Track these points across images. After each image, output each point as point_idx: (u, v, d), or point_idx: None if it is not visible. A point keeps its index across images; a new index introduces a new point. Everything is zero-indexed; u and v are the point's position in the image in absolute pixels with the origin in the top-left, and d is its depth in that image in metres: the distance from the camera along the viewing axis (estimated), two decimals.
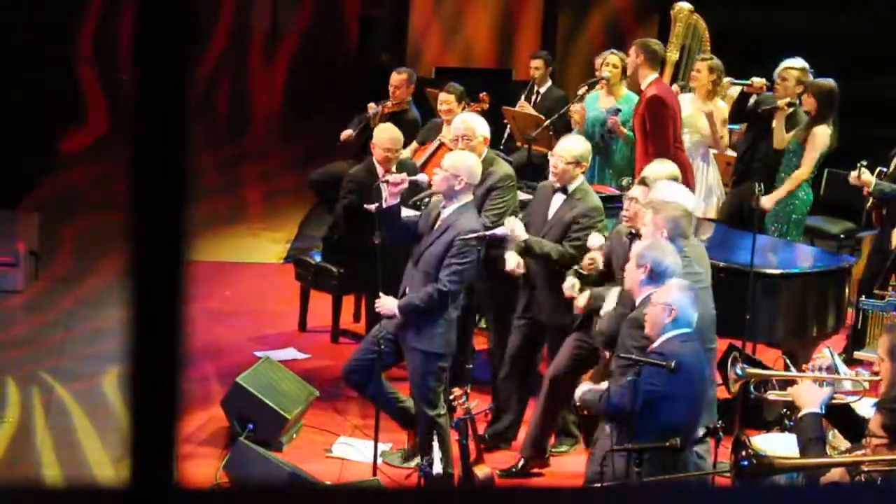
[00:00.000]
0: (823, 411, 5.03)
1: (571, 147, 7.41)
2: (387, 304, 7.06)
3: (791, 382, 5.53)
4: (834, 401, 5.21)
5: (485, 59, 14.86)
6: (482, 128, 7.85)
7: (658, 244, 6.01)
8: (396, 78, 10.20)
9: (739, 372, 5.63)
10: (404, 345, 7.08)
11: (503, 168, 7.90)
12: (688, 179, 9.08)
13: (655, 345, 5.60)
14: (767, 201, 8.95)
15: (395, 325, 7.08)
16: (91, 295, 9.97)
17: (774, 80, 9.34)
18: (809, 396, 5.06)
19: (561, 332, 7.37)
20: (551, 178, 7.43)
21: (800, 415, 5.06)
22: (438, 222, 7.02)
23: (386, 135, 8.25)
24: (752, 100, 9.62)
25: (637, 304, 5.95)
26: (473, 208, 7.15)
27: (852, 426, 5.31)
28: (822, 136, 8.89)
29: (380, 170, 8.14)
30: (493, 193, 7.73)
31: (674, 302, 5.56)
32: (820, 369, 5.37)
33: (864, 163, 8.52)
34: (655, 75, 9.08)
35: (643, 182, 6.88)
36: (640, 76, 9.05)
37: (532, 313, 7.51)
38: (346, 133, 10.32)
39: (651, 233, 6.21)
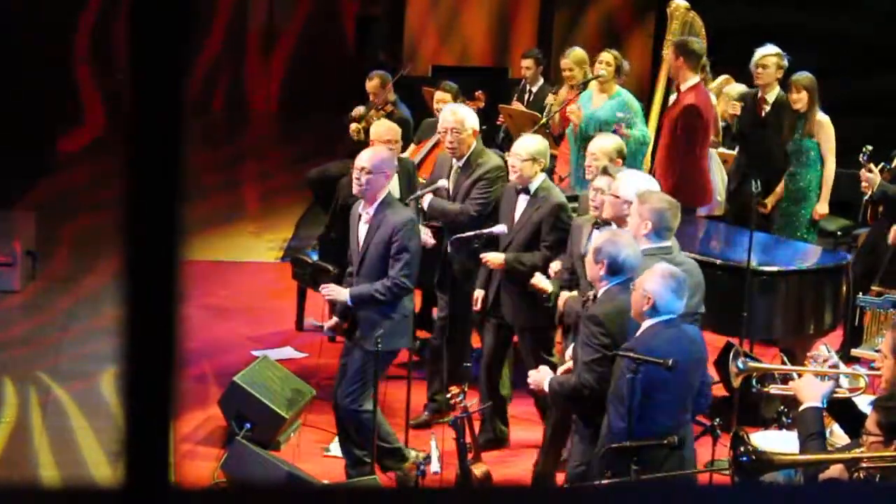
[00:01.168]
0: (825, 405, 5.02)
1: (526, 144, 7.32)
2: (335, 290, 6.93)
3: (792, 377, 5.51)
4: (835, 395, 5.20)
5: (481, 58, 14.87)
6: (472, 120, 7.80)
7: (614, 238, 5.91)
8: (370, 85, 10.29)
9: (741, 366, 5.58)
10: (355, 342, 6.90)
11: (493, 160, 7.83)
12: (706, 191, 9.09)
13: (638, 332, 5.49)
14: (822, 207, 9.02)
15: (340, 312, 6.90)
16: (88, 294, 9.96)
17: (752, 70, 9.32)
18: (811, 390, 5.05)
19: (524, 331, 7.36)
20: (512, 178, 7.36)
21: (800, 409, 5.05)
22: (364, 225, 6.89)
23: (383, 127, 8.25)
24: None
25: (599, 295, 5.85)
26: (394, 198, 7.07)
27: (853, 421, 5.30)
28: (829, 123, 8.93)
29: None
30: (480, 183, 7.70)
31: (650, 291, 5.42)
32: (823, 363, 5.36)
33: (870, 147, 8.44)
34: (696, 79, 8.98)
35: (605, 172, 6.85)
36: (681, 78, 8.99)
37: (500, 313, 7.46)
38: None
39: (636, 224, 6.13)
